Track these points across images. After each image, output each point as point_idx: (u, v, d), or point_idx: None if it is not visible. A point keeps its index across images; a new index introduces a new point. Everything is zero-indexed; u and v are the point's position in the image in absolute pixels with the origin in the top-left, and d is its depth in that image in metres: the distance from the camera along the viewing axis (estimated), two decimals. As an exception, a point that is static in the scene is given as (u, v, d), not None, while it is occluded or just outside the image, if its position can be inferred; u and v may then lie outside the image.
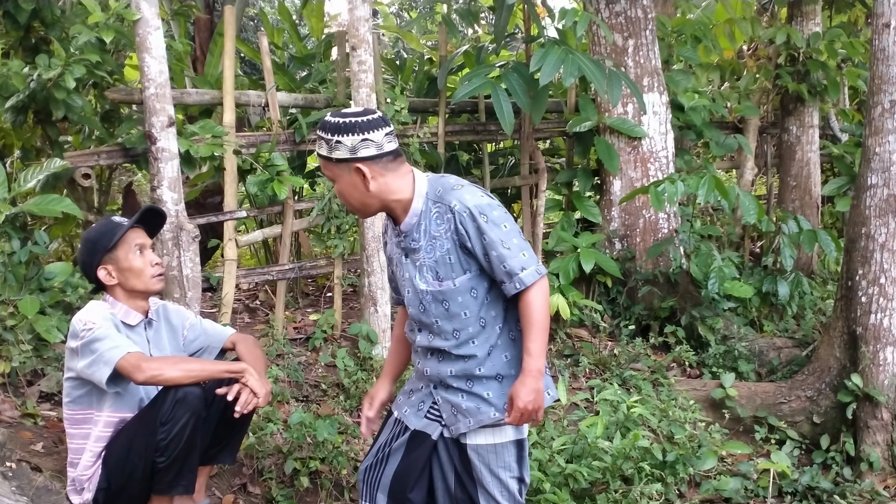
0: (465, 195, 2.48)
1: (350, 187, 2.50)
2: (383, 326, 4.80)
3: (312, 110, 5.23)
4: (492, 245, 2.45)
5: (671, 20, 6.79)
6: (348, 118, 2.45)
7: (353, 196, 2.52)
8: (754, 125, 7.22)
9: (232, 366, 2.96)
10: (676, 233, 5.88)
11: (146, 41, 4.04)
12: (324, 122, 2.48)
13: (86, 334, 2.82)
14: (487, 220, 2.45)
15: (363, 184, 2.48)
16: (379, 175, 2.48)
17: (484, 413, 2.56)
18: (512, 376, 2.55)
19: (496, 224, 2.46)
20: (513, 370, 2.56)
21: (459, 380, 2.58)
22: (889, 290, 4.38)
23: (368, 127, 2.44)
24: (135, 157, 4.41)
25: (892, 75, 4.37)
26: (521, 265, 2.46)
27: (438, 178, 2.58)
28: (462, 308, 2.53)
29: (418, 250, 2.55)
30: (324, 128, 2.47)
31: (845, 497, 4.03)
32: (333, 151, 2.45)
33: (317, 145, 2.53)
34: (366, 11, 4.66)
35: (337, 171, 2.49)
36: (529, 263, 2.46)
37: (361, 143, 2.43)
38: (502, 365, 2.57)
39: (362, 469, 2.80)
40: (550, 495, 3.59)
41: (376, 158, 2.46)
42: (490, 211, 2.47)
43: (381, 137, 2.46)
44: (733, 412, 4.61)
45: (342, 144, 2.44)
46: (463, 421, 2.58)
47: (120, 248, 2.97)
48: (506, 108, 5.39)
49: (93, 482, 2.95)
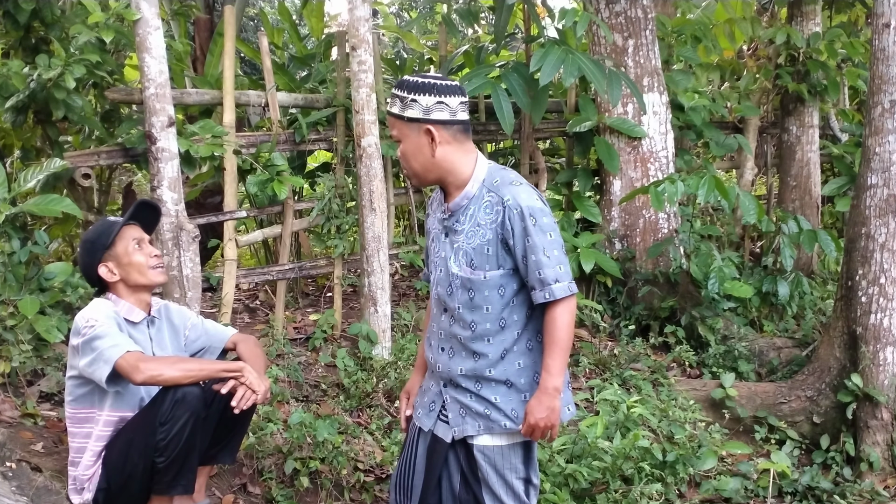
0: (521, 193, 2.46)
1: (416, 149, 2.48)
2: (383, 326, 4.80)
3: (312, 110, 5.23)
4: (533, 249, 2.43)
5: (671, 20, 6.79)
6: (428, 79, 2.45)
7: (417, 159, 2.49)
8: (754, 125, 7.22)
9: (230, 365, 2.96)
10: (676, 233, 5.88)
11: (146, 41, 4.04)
12: (402, 81, 2.48)
13: (87, 332, 2.83)
14: (536, 224, 2.43)
15: (430, 147, 2.46)
16: (447, 142, 2.47)
17: (494, 421, 2.54)
18: (522, 385, 2.53)
19: (543, 230, 2.44)
20: (522, 379, 2.54)
21: (468, 380, 2.56)
22: (889, 290, 4.38)
23: (446, 91, 2.44)
24: (135, 157, 4.41)
25: (892, 75, 4.37)
26: (556, 277, 2.43)
27: (499, 168, 2.57)
28: (486, 302, 2.51)
29: (460, 233, 2.53)
30: (401, 86, 2.46)
31: (845, 497, 4.03)
32: (407, 109, 2.44)
33: (389, 104, 2.51)
34: (366, 11, 4.66)
35: (406, 131, 2.47)
36: (564, 278, 2.44)
37: (436, 104, 2.42)
38: (514, 371, 2.54)
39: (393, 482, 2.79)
40: (550, 495, 3.59)
41: (448, 124, 2.45)
42: (541, 216, 2.44)
43: (456, 104, 2.45)
44: (733, 412, 4.61)
45: (417, 103, 2.42)
46: (471, 424, 2.57)
47: (118, 244, 2.99)
48: (506, 108, 5.39)
49: (93, 482, 2.95)
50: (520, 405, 2.53)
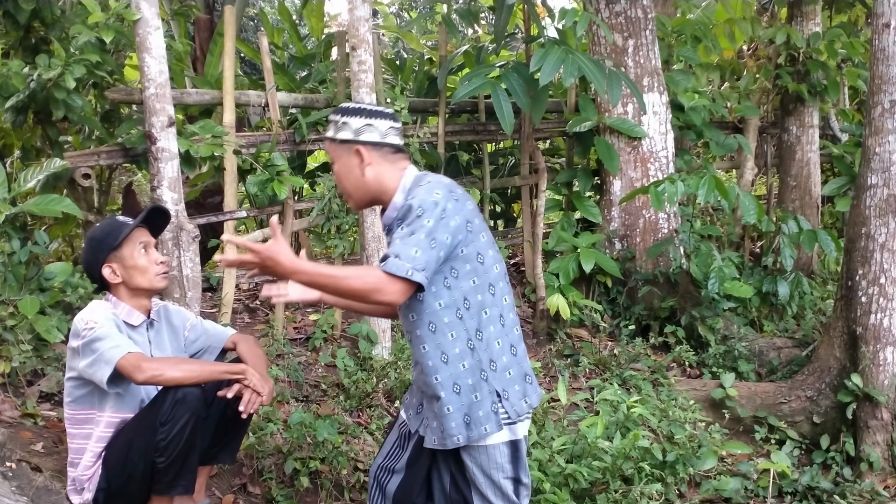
0: (422, 191, 2.46)
1: (346, 169, 2.56)
2: (383, 326, 4.80)
3: (312, 110, 5.23)
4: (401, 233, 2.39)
5: (671, 20, 6.79)
6: (360, 105, 2.59)
7: (348, 179, 2.57)
8: (754, 125, 7.22)
9: (232, 367, 2.96)
10: (676, 233, 5.88)
11: (146, 41, 4.04)
12: (337, 108, 2.61)
13: (87, 333, 2.82)
14: (421, 215, 2.39)
15: (359, 167, 2.54)
16: (376, 163, 2.54)
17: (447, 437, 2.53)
18: (469, 387, 2.51)
19: (421, 217, 2.38)
20: (470, 380, 2.52)
21: (426, 390, 2.59)
22: (889, 290, 4.38)
23: (375, 115, 2.56)
24: (135, 157, 4.41)
25: (892, 75, 4.37)
26: (398, 253, 2.33)
27: (423, 175, 2.58)
28: (410, 310, 2.53)
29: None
30: (336, 111, 2.59)
31: (845, 497, 4.03)
32: (338, 132, 2.56)
33: (327, 130, 2.62)
34: (366, 11, 4.66)
35: (339, 152, 2.57)
36: (408, 259, 2.32)
37: (365, 126, 2.53)
38: (460, 374, 2.52)
39: (373, 467, 2.82)
40: (550, 495, 3.59)
41: (377, 146, 2.54)
42: (431, 207, 2.39)
43: (385, 127, 2.55)
44: (733, 412, 4.61)
45: (347, 126, 2.54)
46: (428, 437, 2.60)
47: (125, 247, 2.98)
48: (506, 108, 5.39)
49: (93, 482, 2.95)
50: (471, 407, 2.52)
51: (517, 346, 2.61)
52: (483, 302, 2.52)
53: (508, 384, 2.55)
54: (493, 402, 2.53)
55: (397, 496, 2.71)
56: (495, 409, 2.53)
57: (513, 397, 2.55)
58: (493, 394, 2.53)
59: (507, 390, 2.55)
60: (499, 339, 2.55)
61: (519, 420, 2.57)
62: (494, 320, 2.54)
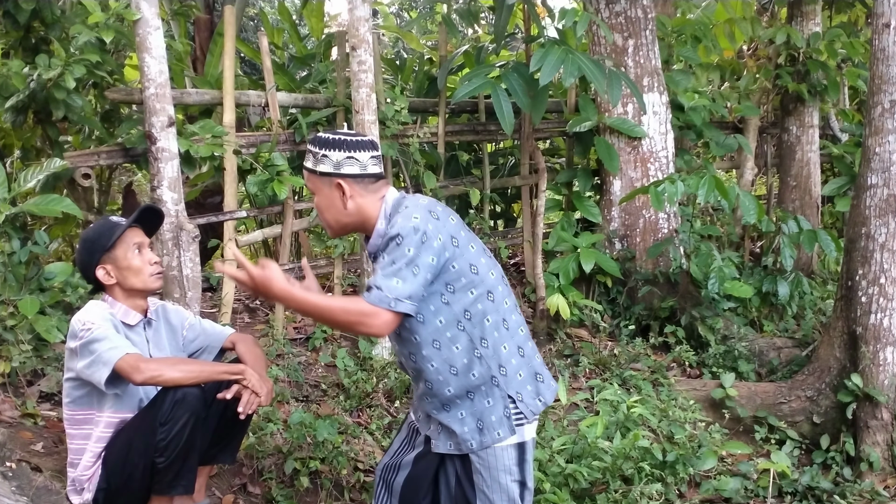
0: (400, 218, 2.45)
1: (328, 202, 2.54)
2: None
3: (312, 110, 5.23)
4: (381, 265, 2.41)
5: (671, 20, 6.79)
6: (339, 135, 2.53)
7: (329, 211, 2.56)
8: (754, 125, 7.22)
9: (231, 367, 2.96)
10: (676, 233, 5.88)
11: (146, 41, 4.04)
12: (314, 137, 2.56)
13: (85, 335, 2.82)
14: (399, 244, 2.39)
15: (341, 200, 2.52)
16: (358, 195, 2.52)
17: (462, 441, 2.56)
18: (483, 393, 2.54)
19: (402, 246, 2.39)
20: (482, 387, 2.54)
21: (435, 401, 2.59)
22: (889, 290, 4.38)
23: (356, 146, 2.52)
24: (135, 157, 4.41)
25: (892, 75, 4.37)
26: (379, 285, 2.36)
27: (401, 198, 2.57)
28: (411, 334, 2.52)
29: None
30: (313, 142, 2.55)
31: (845, 497, 4.03)
32: (318, 164, 2.52)
33: (305, 158, 2.58)
34: (366, 11, 4.66)
35: (319, 185, 2.54)
36: (390, 290, 2.35)
37: (346, 159, 2.50)
38: (471, 383, 2.54)
39: (379, 467, 2.84)
40: (550, 495, 3.59)
41: (358, 178, 2.52)
42: (409, 234, 2.39)
43: (366, 159, 2.52)
44: (733, 412, 4.61)
45: (328, 158, 2.51)
46: (443, 442, 2.61)
47: (118, 248, 2.97)
48: (506, 108, 5.39)
49: (93, 482, 2.94)
50: (483, 413, 2.54)
51: (524, 346, 2.61)
52: (484, 310, 2.53)
53: (521, 386, 2.57)
54: (506, 406, 2.55)
55: (404, 492, 2.71)
56: (507, 413, 2.55)
57: (527, 398, 2.58)
58: (506, 398, 2.55)
59: (520, 392, 2.57)
60: (505, 343, 2.56)
61: (533, 419, 2.59)
62: (498, 325, 2.55)
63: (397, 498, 2.74)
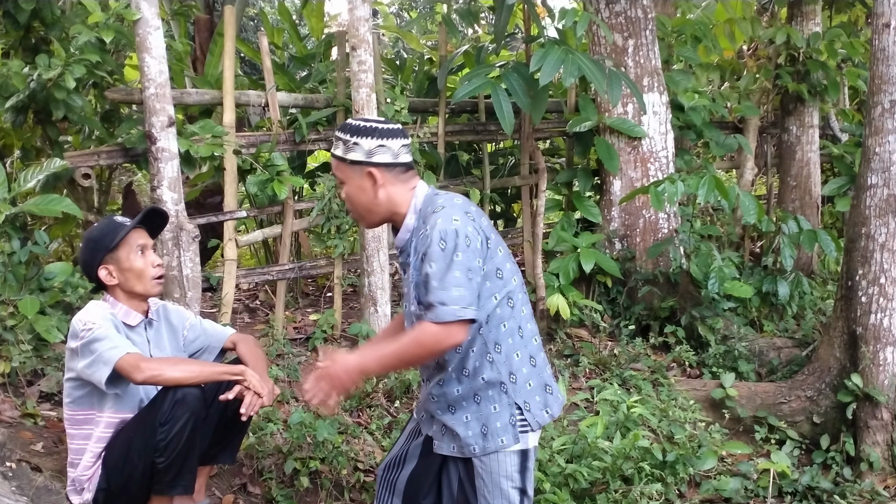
0: (439, 218, 2.40)
1: (359, 191, 2.50)
2: (383, 326, 4.80)
3: (312, 110, 5.23)
4: (433, 275, 2.37)
5: (671, 20, 6.79)
6: (370, 123, 2.49)
7: (360, 201, 2.52)
8: (754, 125, 7.22)
9: (232, 368, 2.96)
10: (676, 233, 5.88)
11: (146, 41, 4.04)
12: (344, 124, 2.52)
13: (85, 334, 2.82)
14: (445, 248, 2.36)
15: (373, 189, 2.48)
16: (389, 184, 2.48)
17: (466, 444, 2.55)
18: (489, 398, 2.53)
19: (450, 252, 2.36)
20: (490, 391, 2.53)
21: (441, 406, 2.58)
22: (889, 290, 4.38)
23: (388, 134, 2.47)
24: (135, 157, 4.41)
25: (892, 75, 4.37)
26: (443, 300, 2.34)
27: (433, 194, 2.54)
28: None
29: (408, 266, 2.54)
30: (343, 129, 2.50)
31: (845, 497, 4.03)
32: (349, 153, 2.47)
33: (333, 146, 2.54)
34: (366, 11, 4.66)
35: (349, 174, 2.50)
36: (454, 302, 2.34)
37: (378, 147, 2.46)
38: (480, 386, 2.53)
39: (381, 467, 2.83)
40: (550, 495, 3.59)
41: (390, 167, 2.48)
42: (452, 238, 2.36)
43: (397, 147, 2.48)
44: (733, 412, 4.61)
45: (359, 146, 2.46)
46: (447, 445, 2.59)
47: (122, 249, 2.97)
48: (506, 108, 5.39)
49: (93, 482, 2.95)
50: (489, 418, 2.53)
51: (536, 356, 2.60)
52: (502, 315, 2.52)
53: (530, 396, 2.55)
54: (512, 414, 2.53)
55: (407, 488, 2.70)
56: (513, 421, 2.53)
57: (534, 408, 2.56)
58: (513, 406, 2.53)
59: (528, 402, 2.55)
60: (518, 350, 2.55)
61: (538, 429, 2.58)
62: (513, 332, 2.54)
63: (400, 497, 2.73)
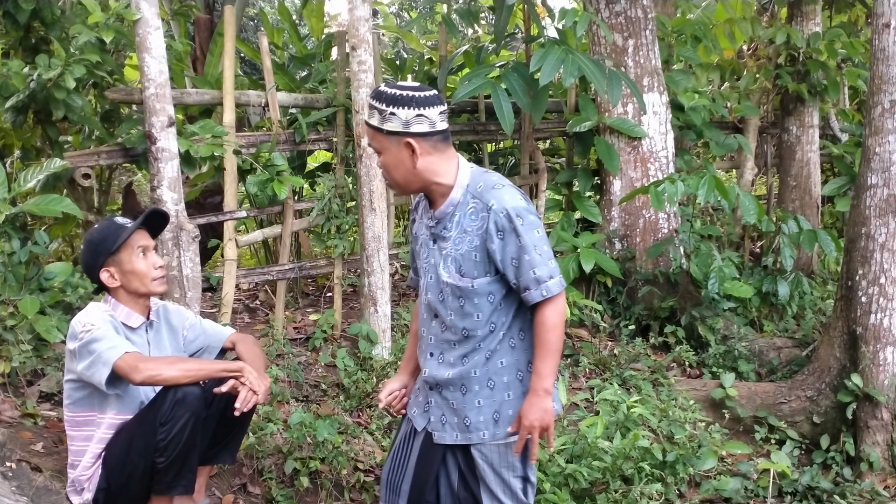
0: (504, 195, 2.45)
1: (396, 161, 2.46)
2: (383, 326, 4.80)
3: (312, 110, 5.23)
4: (525, 249, 2.41)
5: (671, 20, 6.79)
6: (406, 91, 2.42)
7: (398, 170, 2.48)
8: (754, 125, 7.22)
9: (230, 365, 2.96)
10: (676, 233, 5.88)
11: (146, 41, 4.04)
12: (379, 92, 2.44)
13: (84, 335, 2.82)
14: (524, 223, 2.42)
15: (411, 159, 2.44)
16: (427, 153, 2.44)
17: (472, 431, 2.54)
18: (504, 384, 2.53)
19: (531, 228, 2.43)
20: (505, 377, 2.53)
21: (454, 385, 2.56)
22: (889, 290, 4.38)
23: (425, 103, 2.41)
24: (135, 157, 4.41)
25: (892, 75, 4.37)
26: (550, 273, 2.43)
27: (482, 172, 2.55)
28: (477, 309, 2.50)
29: (447, 239, 2.52)
30: (379, 97, 2.42)
31: (845, 497, 4.03)
32: (385, 122, 2.41)
33: (367, 114, 2.47)
34: (366, 11, 4.66)
35: (386, 144, 2.44)
36: (556, 273, 2.45)
37: (416, 118, 2.40)
38: (496, 370, 2.54)
39: (384, 478, 2.80)
40: (550, 495, 3.59)
41: (428, 136, 2.43)
42: (527, 214, 2.44)
43: (435, 115, 2.43)
44: (733, 412, 4.61)
45: (396, 116, 2.39)
46: (449, 433, 2.58)
47: (123, 251, 2.96)
48: (506, 108, 5.39)
49: (93, 482, 2.94)
50: (502, 405, 2.53)
51: None
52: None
53: None
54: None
55: (412, 495, 2.69)
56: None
57: None
58: (526, 395, 2.53)
59: None
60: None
61: None
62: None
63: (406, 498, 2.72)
